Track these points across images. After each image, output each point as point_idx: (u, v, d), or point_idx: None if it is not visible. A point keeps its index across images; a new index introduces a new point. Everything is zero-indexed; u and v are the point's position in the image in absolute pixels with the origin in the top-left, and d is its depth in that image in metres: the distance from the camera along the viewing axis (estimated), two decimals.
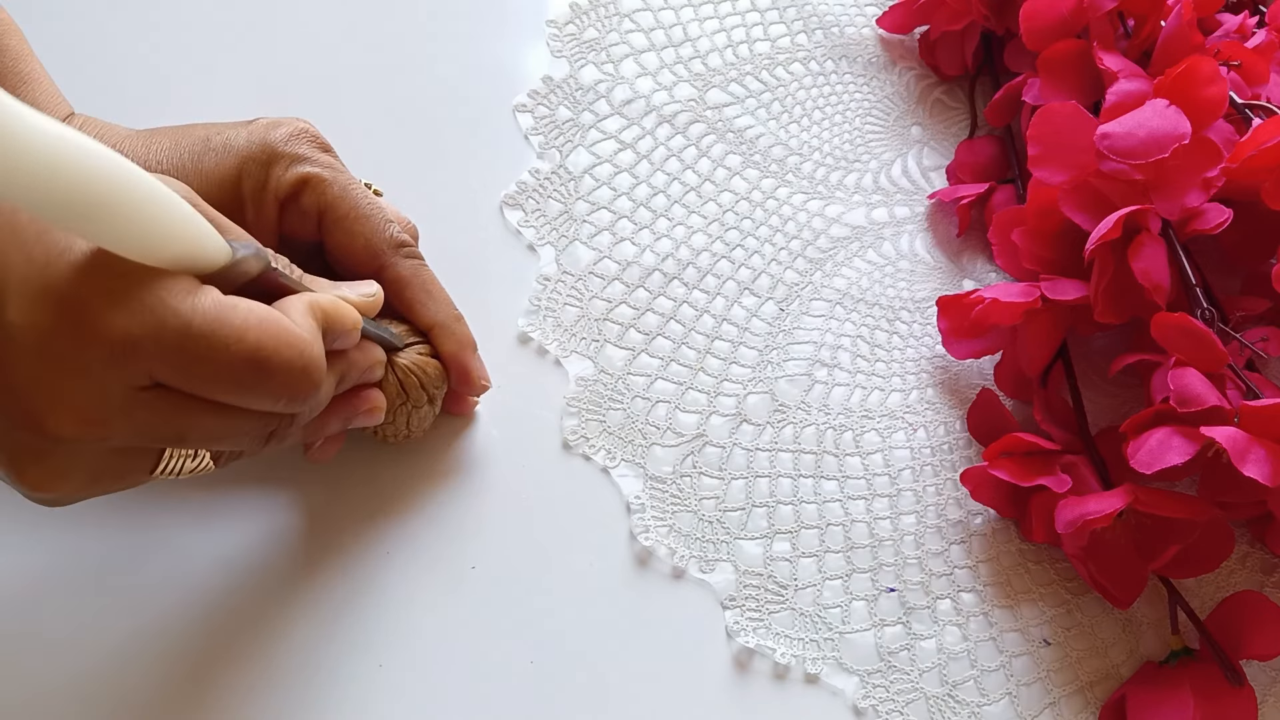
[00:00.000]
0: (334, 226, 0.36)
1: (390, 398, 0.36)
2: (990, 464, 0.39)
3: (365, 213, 0.37)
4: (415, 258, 0.38)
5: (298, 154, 0.36)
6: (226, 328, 0.28)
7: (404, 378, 0.36)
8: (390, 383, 0.36)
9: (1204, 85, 0.40)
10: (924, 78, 0.53)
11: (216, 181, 0.35)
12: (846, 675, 0.38)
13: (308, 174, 0.36)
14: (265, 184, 0.36)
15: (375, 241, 0.37)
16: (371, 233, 0.37)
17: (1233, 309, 0.41)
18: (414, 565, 0.37)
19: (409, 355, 0.36)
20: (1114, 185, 0.40)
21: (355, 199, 0.37)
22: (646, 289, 0.44)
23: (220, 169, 0.36)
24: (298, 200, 0.36)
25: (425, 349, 0.37)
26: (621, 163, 0.47)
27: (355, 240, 0.36)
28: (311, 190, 0.36)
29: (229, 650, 0.35)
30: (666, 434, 0.41)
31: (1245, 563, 0.42)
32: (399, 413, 0.37)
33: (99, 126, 0.37)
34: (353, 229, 0.36)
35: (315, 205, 0.36)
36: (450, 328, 0.38)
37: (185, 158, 0.36)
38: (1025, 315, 0.40)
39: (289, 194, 0.36)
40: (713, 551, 0.39)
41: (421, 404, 0.37)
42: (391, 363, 0.36)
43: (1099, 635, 0.40)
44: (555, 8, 0.51)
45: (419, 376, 0.36)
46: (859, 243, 0.48)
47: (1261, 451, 0.34)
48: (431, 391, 0.37)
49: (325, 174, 0.36)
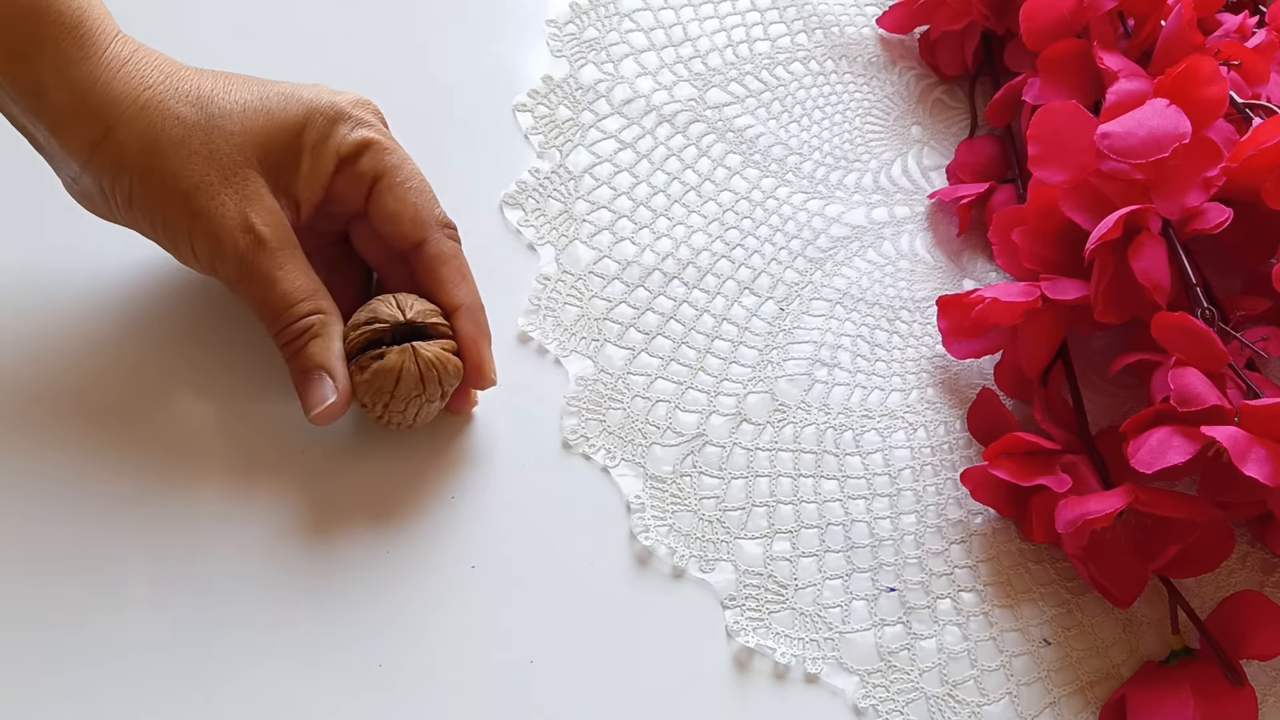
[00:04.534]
0: (387, 192, 0.37)
1: (408, 386, 0.36)
2: (990, 464, 0.39)
3: (420, 186, 0.38)
4: (456, 240, 0.39)
5: (362, 119, 0.38)
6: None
7: (425, 370, 0.36)
8: (410, 372, 0.36)
9: (1204, 85, 0.40)
10: (924, 77, 0.53)
11: (280, 123, 0.36)
12: (846, 675, 0.38)
13: (371, 138, 0.37)
14: (328, 138, 0.37)
15: (425, 214, 0.38)
16: (423, 205, 0.38)
17: (1233, 309, 0.41)
18: (414, 565, 0.37)
19: (433, 348, 0.36)
20: (1114, 185, 0.40)
21: (413, 170, 0.38)
22: (646, 288, 0.44)
23: (286, 113, 0.36)
24: (356, 161, 0.37)
25: (449, 344, 0.37)
26: (621, 162, 0.47)
27: (406, 209, 0.37)
28: (373, 154, 0.37)
29: (228, 650, 0.35)
30: (666, 433, 0.41)
31: (1245, 563, 0.42)
32: (411, 403, 0.36)
33: (151, 56, 0.37)
34: (406, 198, 0.37)
35: (373, 169, 0.37)
36: (475, 313, 0.38)
37: (252, 97, 0.36)
38: (1025, 315, 0.40)
39: (350, 153, 0.37)
40: (713, 551, 0.39)
41: (435, 399, 0.37)
42: (416, 351, 0.36)
43: (1099, 635, 0.40)
44: (555, 8, 0.51)
45: (439, 370, 0.36)
46: (859, 242, 0.48)
47: (1262, 451, 0.34)
48: (446, 387, 0.37)
49: (386, 142, 0.38)
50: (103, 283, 0.41)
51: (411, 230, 0.38)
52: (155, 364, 0.40)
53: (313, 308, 0.36)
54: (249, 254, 0.35)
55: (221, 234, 0.35)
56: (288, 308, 0.36)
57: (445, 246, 0.38)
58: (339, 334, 0.36)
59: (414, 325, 0.36)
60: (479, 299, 0.38)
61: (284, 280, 0.36)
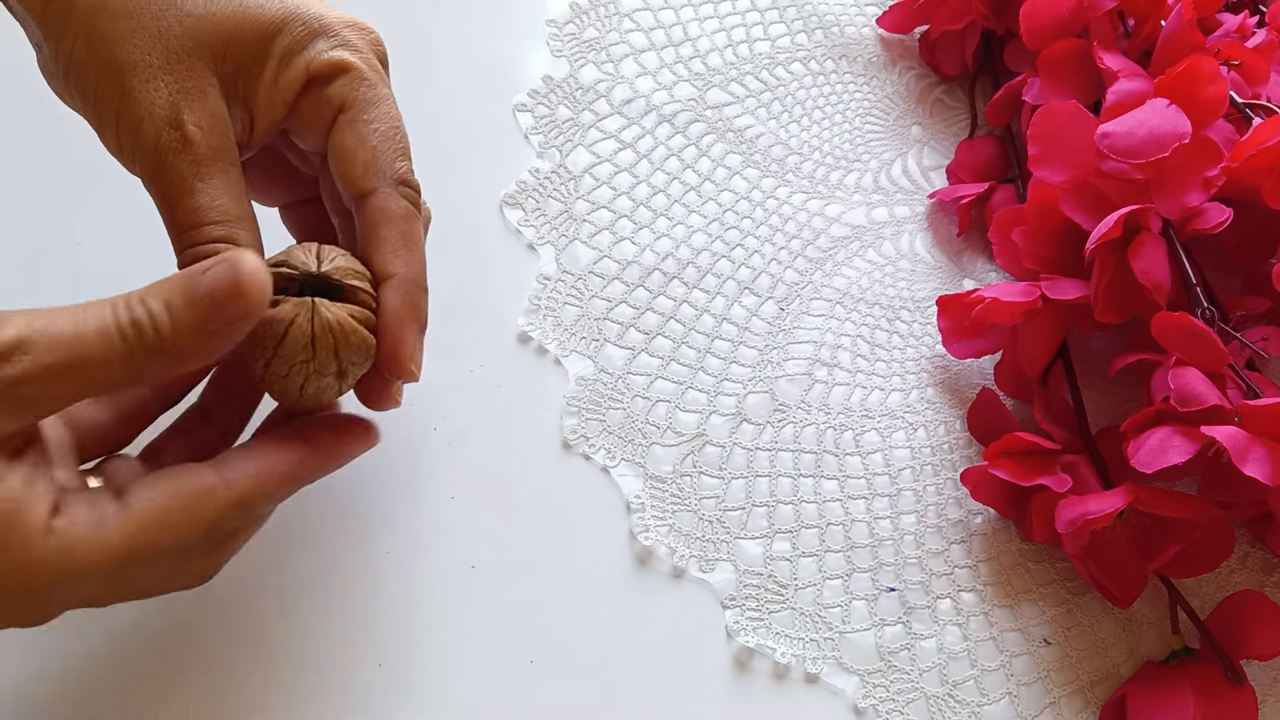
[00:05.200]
0: (347, 126, 0.32)
1: (293, 347, 0.29)
2: (990, 464, 0.39)
3: (389, 130, 0.32)
4: (414, 203, 0.33)
5: (349, 40, 0.32)
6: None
7: (320, 333, 0.29)
8: (301, 330, 0.29)
9: (1204, 85, 0.40)
10: (924, 77, 0.53)
11: (252, 20, 0.31)
12: (846, 675, 0.38)
13: (350, 61, 0.32)
14: (301, 50, 0.32)
15: (381, 162, 0.32)
16: (383, 152, 0.32)
17: (1233, 308, 0.41)
18: (414, 565, 0.37)
19: (338, 311, 0.30)
20: (1114, 185, 0.40)
21: (387, 112, 0.33)
22: (646, 288, 0.44)
23: (262, 11, 0.31)
24: (327, 84, 0.32)
25: (362, 314, 0.30)
26: (621, 162, 0.47)
27: (362, 150, 0.32)
28: (347, 81, 0.32)
29: (228, 650, 0.35)
30: (666, 433, 0.41)
31: (1245, 563, 0.42)
32: (296, 368, 0.30)
33: None
34: (366, 138, 0.32)
35: (341, 97, 0.32)
36: (409, 288, 0.31)
37: None
38: (1025, 315, 0.40)
39: (322, 72, 0.32)
40: (713, 551, 0.39)
41: (326, 372, 0.30)
42: (315, 309, 0.29)
43: (1099, 635, 0.40)
44: (555, 7, 0.51)
45: (336, 338, 0.30)
46: (859, 242, 0.48)
47: (1262, 451, 0.34)
48: (344, 363, 0.30)
49: (367, 72, 0.32)
50: None
51: (361, 176, 0.32)
52: None
53: (225, 234, 0.30)
54: (167, 153, 0.30)
55: (144, 123, 0.30)
56: (195, 226, 0.30)
57: (394, 204, 0.32)
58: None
59: (327, 280, 0.30)
60: (422, 275, 0.32)
61: (201, 194, 0.30)
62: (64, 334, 0.25)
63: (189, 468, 0.28)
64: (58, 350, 0.25)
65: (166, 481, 0.28)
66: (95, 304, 0.26)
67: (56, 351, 0.25)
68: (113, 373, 0.26)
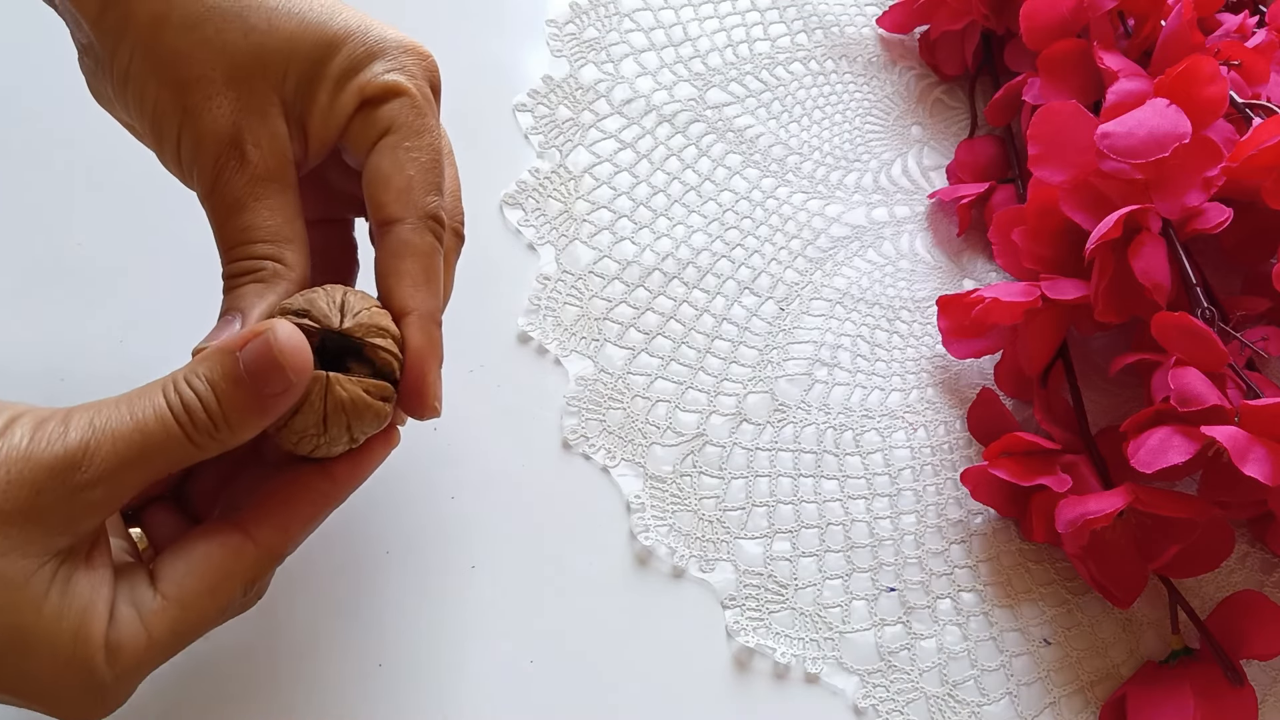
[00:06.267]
0: (389, 152, 0.31)
1: (305, 422, 0.28)
2: (990, 463, 0.39)
3: (430, 161, 0.31)
4: (440, 239, 0.32)
5: (406, 65, 0.32)
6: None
7: (332, 412, 0.28)
8: (313, 409, 0.28)
9: (1204, 85, 0.40)
10: (924, 77, 0.53)
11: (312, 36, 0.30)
12: (846, 675, 0.38)
13: (406, 86, 0.31)
14: (357, 72, 0.31)
15: (414, 193, 0.31)
16: (419, 183, 0.31)
17: (1233, 308, 0.41)
18: (414, 565, 0.37)
19: (354, 388, 0.29)
20: (1114, 185, 0.40)
21: (433, 144, 0.32)
22: (646, 288, 0.44)
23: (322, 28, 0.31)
24: (379, 106, 0.31)
25: (377, 387, 0.29)
26: (621, 162, 0.47)
27: (398, 178, 0.31)
28: (398, 105, 0.31)
29: (228, 650, 0.35)
30: (666, 433, 0.41)
31: (1245, 563, 0.42)
32: (306, 440, 0.29)
33: None
34: (404, 166, 0.31)
35: (389, 121, 0.31)
36: (429, 325, 0.31)
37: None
38: (1025, 315, 0.40)
39: (376, 94, 0.31)
40: (713, 551, 0.39)
41: (338, 443, 0.30)
42: (330, 387, 0.28)
43: (1099, 635, 0.40)
44: (555, 7, 0.51)
45: (349, 416, 0.29)
46: (859, 242, 0.48)
47: (1262, 450, 0.34)
48: (355, 434, 0.30)
49: (420, 100, 0.31)
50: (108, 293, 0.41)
51: (392, 203, 0.31)
52: (157, 360, 0.40)
53: (272, 253, 0.30)
54: (225, 170, 0.30)
55: (205, 140, 0.30)
56: (243, 243, 0.30)
57: (419, 237, 0.31)
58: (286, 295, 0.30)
59: (349, 338, 0.29)
60: (438, 311, 0.32)
61: (253, 212, 0.30)
62: (124, 429, 0.26)
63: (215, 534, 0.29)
64: (122, 448, 0.26)
65: (197, 559, 0.28)
66: (144, 392, 0.27)
67: (121, 449, 0.26)
68: (175, 458, 0.27)
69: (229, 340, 0.27)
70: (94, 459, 0.25)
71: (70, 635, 0.25)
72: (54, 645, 0.25)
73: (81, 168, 0.42)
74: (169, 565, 0.28)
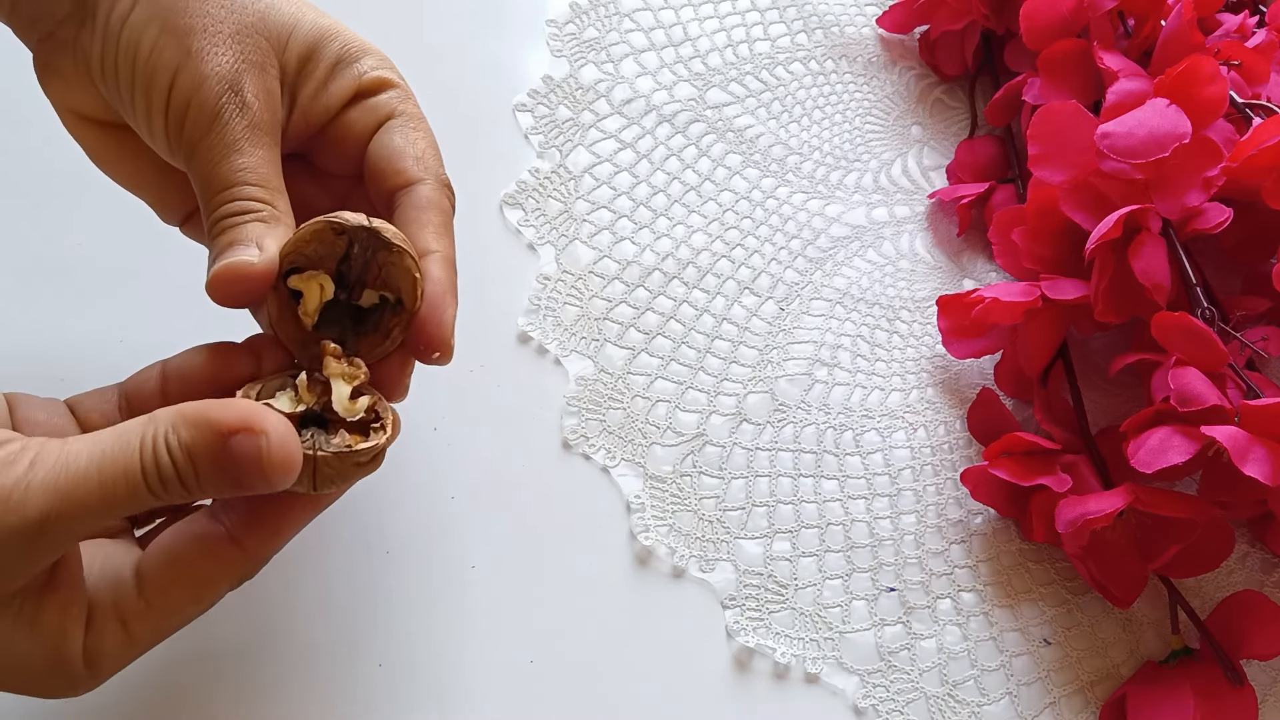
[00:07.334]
0: (398, 130, 0.33)
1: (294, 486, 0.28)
2: (990, 463, 0.39)
3: (432, 141, 0.34)
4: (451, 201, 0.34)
5: (391, 66, 0.34)
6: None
7: (321, 482, 0.29)
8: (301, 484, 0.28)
9: (1204, 85, 0.40)
10: (924, 77, 0.53)
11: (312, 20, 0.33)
12: (846, 675, 0.38)
13: (396, 81, 0.34)
14: (353, 62, 0.33)
15: (430, 158, 0.33)
16: (430, 151, 0.34)
17: (1233, 308, 0.41)
18: (414, 565, 0.37)
19: (338, 463, 0.29)
20: (1114, 184, 0.40)
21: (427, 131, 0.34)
22: (646, 288, 0.44)
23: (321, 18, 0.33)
24: (374, 94, 0.33)
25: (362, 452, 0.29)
26: (621, 162, 0.47)
27: (412, 149, 0.33)
28: (396, 95, 0.34)
29: (228, 649, 0.35)
30: (666, 433, 0.41)
31: (1245, 563, 0.42)
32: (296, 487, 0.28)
33: None
34: (416, 141, 0.33)
35: (390, 107, 0.33)
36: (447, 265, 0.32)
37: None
38: (1025, 315, 0.40)
39: (371, 86, 0.33)
40: (713, 551, 0.39)
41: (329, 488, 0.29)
42: (316, 466, 0.28)
43: (1099, 635, 0.40)
44: (555, 7, 0.51)
45: (336, 471, 0.29)
46: (859, 242, 0.48)
47: (1262, 450, 0.34)
48: (342, 486, 0.30)
49: (412, 95, 0.34)
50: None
51: (413, 168, 0.33)
52: (156, 360, 0.40)
53: (268, 198, 0.30)
54: (225, 110, 0.30)
55: (207, 80, 0.30)
56: (241, 184, 0.30)
57: (439, 196, 0.33)
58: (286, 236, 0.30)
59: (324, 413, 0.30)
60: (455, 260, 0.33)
61: (251, 155, 0.30)
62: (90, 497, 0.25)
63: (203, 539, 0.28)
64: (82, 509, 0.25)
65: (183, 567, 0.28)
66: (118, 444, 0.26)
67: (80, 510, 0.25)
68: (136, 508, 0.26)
69: (222, 417, 0.26)
70: (54, 526, 0.25)
71: (46, 657, 0.26)
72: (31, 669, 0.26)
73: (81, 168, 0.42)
74: (154, 569, 0.28)
